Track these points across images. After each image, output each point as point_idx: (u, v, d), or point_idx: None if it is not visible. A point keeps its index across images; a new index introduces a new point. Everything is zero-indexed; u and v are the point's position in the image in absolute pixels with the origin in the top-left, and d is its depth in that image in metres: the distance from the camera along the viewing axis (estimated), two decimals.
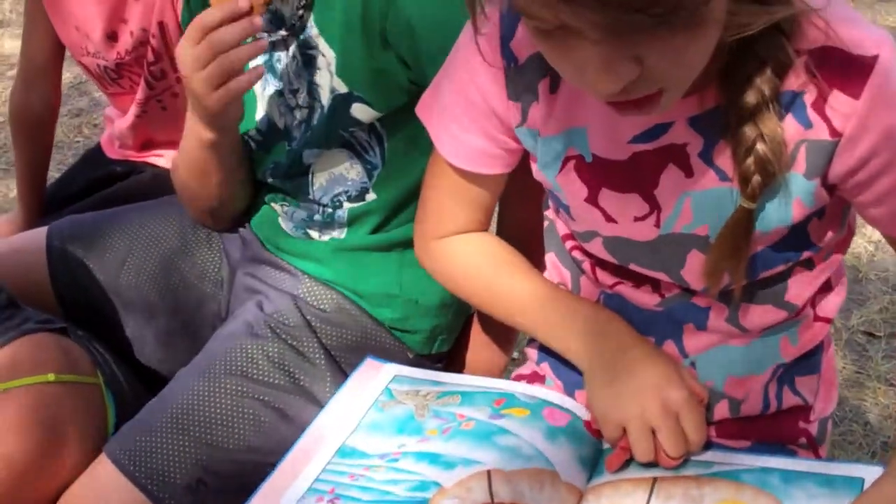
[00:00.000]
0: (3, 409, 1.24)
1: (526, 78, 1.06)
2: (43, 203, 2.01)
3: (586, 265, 1.15)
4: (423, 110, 1.18)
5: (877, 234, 2.50)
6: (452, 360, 1.48)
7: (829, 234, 1.06)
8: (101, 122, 3.22)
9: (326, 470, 1.08)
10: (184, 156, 1.41)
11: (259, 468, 1.26)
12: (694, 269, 1.04)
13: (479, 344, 1.46)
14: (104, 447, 1.28)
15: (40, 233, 1.57)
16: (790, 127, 0.95)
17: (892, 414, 2.04)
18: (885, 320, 2.27)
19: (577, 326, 1.12)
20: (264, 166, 1.43)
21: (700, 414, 1.05)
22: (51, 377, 1.28)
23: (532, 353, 1.26)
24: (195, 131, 1.34)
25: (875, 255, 2.47)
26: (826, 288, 1.11)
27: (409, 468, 1.07)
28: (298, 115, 1.37)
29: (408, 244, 1.33)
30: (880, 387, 2.10)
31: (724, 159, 0.98)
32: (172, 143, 1.93)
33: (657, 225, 1.04)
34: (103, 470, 1.25)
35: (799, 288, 1.07)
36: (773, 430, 1.14)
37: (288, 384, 1.33)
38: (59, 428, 1.27)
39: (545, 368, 1.24)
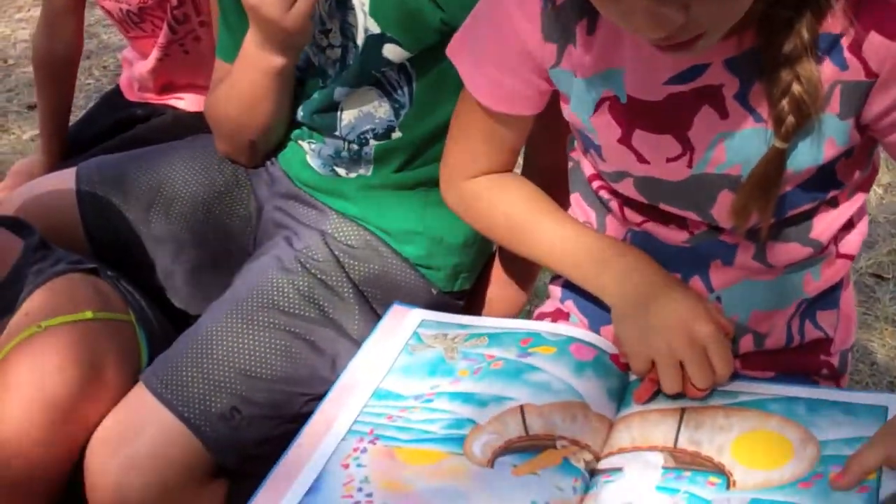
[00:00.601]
0: (44, 348, 1.24)
1: (563, 19, 1.06)
2: (65, 145, 2.02)
3: (614, 204, 1.15)
4: (454, 50, 1.18)
5: (886, 178, 2.50)
6: (473, 298, 1.50)
7: (857, 173, 1.07)
8: (110, 65, 3.21)
9: (364, 412, 1.10)
10: (237, 91, 1.41)
11: (291, 398, 1.30)
12: (724, 208, 1.05)
13: (500, 281, 1.48)
14: (141, 376, 1.29)
15: (69, 174, 1.57)
16: (826, 68, 0.96)
17: None
18: (894, 262, 2.27)
19: (605, 264, 1.13)
20: (298, 102, 1.44)
21: (726, 347, 1.07)
22: (88, 314, 1.29)
23: (556, 290, 1.27)
24: (263, 62, 1.36)
25: (884, 198, 2.48)
26: (848, 226, 1.13)
27: (444, 407, 1.09)
28: (331, 54, 1.38)
29: (432, 183, 1.34)
30: (887, 328, 2.11)
31: (760, 100, 0.99)
32: (193, 87, 1.94)
33: (689, 165, 1.05)
34: (140, 399, 1.26)
35: (824, 226, 1.09)
36: (796, 361, 1.16)
37: (318, 316, 1.35)
38: (99, 364, 1.27)
39: (569, 306, 1.25)
